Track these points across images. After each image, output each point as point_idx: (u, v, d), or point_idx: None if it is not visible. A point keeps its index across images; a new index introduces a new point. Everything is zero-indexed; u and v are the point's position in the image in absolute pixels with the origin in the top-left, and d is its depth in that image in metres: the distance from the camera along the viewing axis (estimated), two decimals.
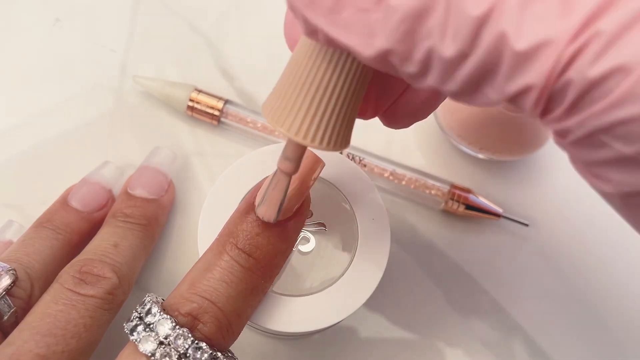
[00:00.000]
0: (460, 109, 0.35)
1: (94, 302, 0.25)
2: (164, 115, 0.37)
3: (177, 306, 0.22)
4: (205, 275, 0.22)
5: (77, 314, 0.24)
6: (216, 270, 0.22)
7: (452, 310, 0.34)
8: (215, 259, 0.23)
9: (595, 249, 0.36)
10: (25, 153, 0.35)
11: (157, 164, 0.33)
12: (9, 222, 0.31)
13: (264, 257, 0.23)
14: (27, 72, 0.38)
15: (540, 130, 0.35)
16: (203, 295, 0.22)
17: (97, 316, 0.25)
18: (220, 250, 0.23)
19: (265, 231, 0.23)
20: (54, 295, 0.25)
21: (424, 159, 0.37)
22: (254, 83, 0.38)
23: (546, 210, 0.37)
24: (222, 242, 0.23)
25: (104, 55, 0.38)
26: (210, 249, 0.23)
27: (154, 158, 0.33)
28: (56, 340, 0.23)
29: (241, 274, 0.22)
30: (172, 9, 0.40)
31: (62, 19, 0.39)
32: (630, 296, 0.35)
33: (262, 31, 0.40)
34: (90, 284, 0.26)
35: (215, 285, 0.22)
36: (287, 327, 0.24)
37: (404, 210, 0.36)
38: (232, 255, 0.22)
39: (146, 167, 0.33)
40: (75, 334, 0.24)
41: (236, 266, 0.22)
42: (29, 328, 0.24)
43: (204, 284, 0.22)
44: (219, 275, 0.22)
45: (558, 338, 0.34)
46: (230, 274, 0.22)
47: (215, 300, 0.22)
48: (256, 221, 0.23)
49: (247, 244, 0.23)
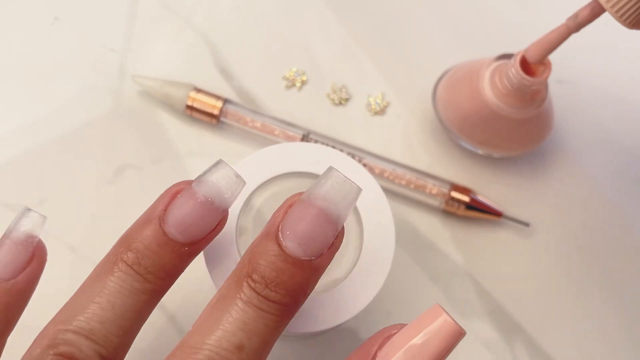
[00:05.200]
0: (460, 103, 0.35)
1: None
2: (163, 114, 0.37)
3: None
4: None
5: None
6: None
7: (452, 310, 0.34)
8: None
9: (596, 249, 0.36)
10: (24, 153, 0.35)
11: (323, 203, 0.20)
12: (26, 211, 0.23)
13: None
14: (26, 72, 0.37)
15: (539, 127, 0.36)
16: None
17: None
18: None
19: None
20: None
21: (425, 155, 0.37)
22: (253, 82, 0.38)
23: (546, 210, 0.37)
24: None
25: (103, 55, 0.38)
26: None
27: (318, 191, 0.21)
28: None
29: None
30: (171, 8, 0.40)
31: (61, 18, 0.39)
32: (631, 296, 0.35)
33: (261, 30, 0.40)
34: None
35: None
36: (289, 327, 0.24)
37: (404, 210, 0.36)
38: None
39: (308, 205, 0.21)
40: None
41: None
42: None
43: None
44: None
45: (558, 338, 0.34)
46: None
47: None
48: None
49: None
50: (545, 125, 0.36)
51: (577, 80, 0.40)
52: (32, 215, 0.22)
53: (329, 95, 0.38)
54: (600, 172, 0.38)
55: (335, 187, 0.20)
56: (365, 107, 0.38)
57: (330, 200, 0.20)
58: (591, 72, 0.41)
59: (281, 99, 0.38)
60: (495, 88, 0.34)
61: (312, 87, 0.39)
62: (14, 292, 0.21)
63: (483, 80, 0.34)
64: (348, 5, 0.41)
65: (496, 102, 0.34)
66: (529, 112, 0.34)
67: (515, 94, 0.33)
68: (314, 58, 0.39)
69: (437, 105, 0.37)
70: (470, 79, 0.35)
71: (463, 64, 0.37)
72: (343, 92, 0.38)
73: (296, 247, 0.20)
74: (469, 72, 0.35)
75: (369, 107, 0.38)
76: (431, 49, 0.40)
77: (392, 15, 0.41)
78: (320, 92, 0.39)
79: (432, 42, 0.41)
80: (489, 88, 0.34)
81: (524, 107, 0.34)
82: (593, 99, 0.40)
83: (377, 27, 0.41)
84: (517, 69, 0.32)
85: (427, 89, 0.38)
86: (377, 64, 0.40)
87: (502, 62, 0.34)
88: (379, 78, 0.39)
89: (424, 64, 0.40)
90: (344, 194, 0.20)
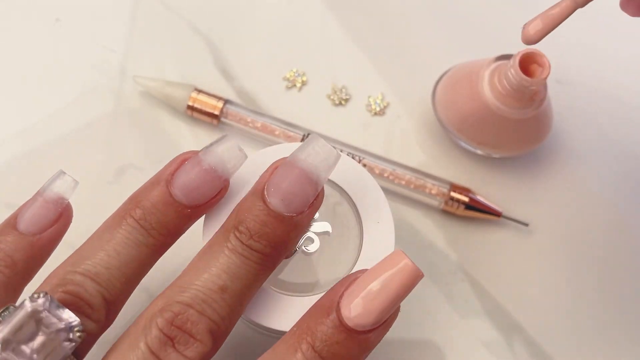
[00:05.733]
0: (459, 104, 0.35)
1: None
2: (163, 115, 0.37)
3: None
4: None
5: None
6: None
7: (452, 310, 0.34)
8: (289, 356, 0.21)
9: (595, 249, 0.36)
10: (25, 153, 0.35)
11: (304, 164, 0.23)
12: (61, 173, 0.25)
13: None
14: (27, 72, 0.37)
15: (538, 128, 0.36)
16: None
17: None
18: (295, 346, 0.21)
19: (347, 340, 0.21)
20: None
21: (424, 156, 0.37)
22: (253, 83, 0.38)
23: (546, 210, 0.37)
24: (297, 337, 0.21)
25: (104, 55, 0.38)
26: (283, 341, 0.21)
27: (299, 154, 0.23)
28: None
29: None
30: (172, 8, 0.40)
31: (62, 19, 0.39)
32: (631, 296, 0.35)
33: (261, 30, 0.40)
34: (177, 347, 0.20)
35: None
36: (288, 326, 0.24)
37: (404, 210, 0.36)
38: (308, 356, 0.21)
39: (291, 165, 0.23)
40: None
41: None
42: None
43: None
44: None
45: (558, 338, 0.34)
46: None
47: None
48: (339, 327, 0.21)
49: (324, 349, 0.21)
50: (544, 125, 0.36)
51: (576, 80, 0.40)
52: (65, 178, 0.24)
53: (329, 95, 0.39)
54: (599, 172, 0.38)
55: (316, 150, 0.23)
56: (365, 108, 0.39)
57: (311, 163, 0.22)
58: (590, 73, 0.41)
59: (281, 100, 0.38)
60: (495, 88, 0.34)
61: (312, 87, 0.39)
62: (37, 246, 0.24)
63: (482, 81, 0.34)
64: (348, 6, 0.41)
65: (495, 103, 0.34)
66: (528, 112, 0.34)
67: (514, 95, 0.33)
68: (314, 59, 0.39)
69: (437, 105, 0.37)
70: (470, 80, 0.35)
71: (462, 64, 0.37)
72: (343, 93, 0.39)
73: (279, 203, 0.22)
74: (468, 73, 0.35)
75: (369, 108, 0.38)
76: (431, 49, 0.41)
77: (391, 16, 0.41)
78: (320, 93, 0.39)
79: (432, 42, 0.41)
80: (488, 88, 0.34)
81: (523, 107, 0.34)
82: (592, 99, 0.40)
83: (377, 28, 0.41)
84: (516, 70, 0.32)
85: (426, 89, 0.38)
86: (377, 65, 0.40)
87: (501, 63, 0.34)
88: (378, 79, 0.39)
89: (423, 64, 0.40)
90: (323, 156, 0.23)
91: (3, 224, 0.24)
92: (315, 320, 0.21)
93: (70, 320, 0.20)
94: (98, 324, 0.21)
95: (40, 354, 0.20)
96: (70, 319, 0.20)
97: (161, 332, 0.20)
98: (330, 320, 0.21)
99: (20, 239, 0.23)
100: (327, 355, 0.21)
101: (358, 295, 0.21)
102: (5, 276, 0.23)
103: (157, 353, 0.20)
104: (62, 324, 0.20)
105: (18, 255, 0.23)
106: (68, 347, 0.20)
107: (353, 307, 0.21)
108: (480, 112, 0.34)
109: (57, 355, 0.20)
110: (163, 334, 0.20)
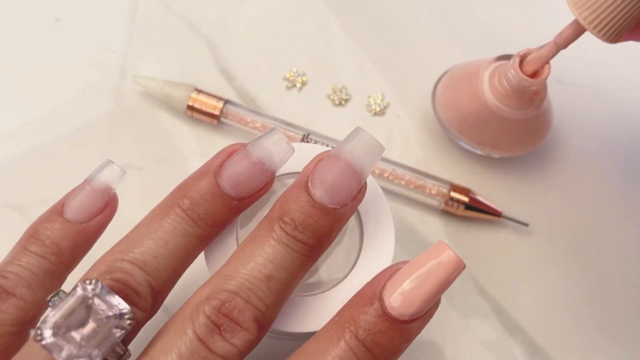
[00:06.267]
0: (459, 104, 0.35)
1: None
2: (163, 115, 0.37)
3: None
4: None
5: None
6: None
7: (452, 310, 0.34)
8: (332, 345, 0.21)
9: (595, 249, 0.36)
10: (25, 153, 0.35)
11: (349, 156, 0.23)
12: (109, 162, 0.25)
13: (381, 355, 0.21)
14: (27, 72, 0.38)
15: (538, 128, 0.36)
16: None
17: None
18: (338, 335, 0.21)
19: (390, 329, 0.21)
20: (186, 349, 0.20)
21: (424, 156, 0.37)
22: (253, 83, 0.38)
23: (546, 210, 0.37)
24: (340, 326, 0.21)
25: (103, 55, 0.38)
26: (325, 330, 0.22)
27: (344, 147, 0.23)
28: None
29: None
30: (172, 8, 0.40)
31: (62, 19, 0.39)
32: (630, 295, 0.35)
33: (262, 31, 0.40)
34: (224, 335, 0.20)
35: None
36: (288, 327, 0.24)
37: (403, 211, 0.36)
38: (351, 345, 0.21)
39: (336, 158, 0.23)
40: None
41: (353, 358, 0.21)
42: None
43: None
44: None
45: (558, 338, 0.34)
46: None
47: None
48: (382, 316, 0.21)
49: (368, 338, 0.21)
50: (544, 125, 0.36)
51: (576, 80, 0.40)
52: (114, 167, 0.24)
53: (329, 95, 0.39)
54: (599, 172, 0.38)
55: (361, 143, 0.23)
56: (365, 108, 0.39)
57: (355, 155, 0.22)
58: (590, 73, 0.41)
59: (281, 100, 0.38)
60: (495, 89, 0.34)
61: (312, 87, 0.39)
62: (83, 234, 0.24)
63: (482, 81, 0.34)
64: (348, 6, 0.41)
65: (495, 103, 0.34)
66: (528, 112, 0.34)
67: (514, 95, 0.33)
68: (314, 59, 0.39)
69: (437, 105, 0.37)
70: (470, 80, 0.35)
71: (462, 64, 0.37)
72: (343, 93, 0.39)
73: (323, 195, 0.22)
74: (468, 73, 0.35)
75: (369, 108, 0.38)
76: (431, 49, 0.41)
77: (392, 16, 0.41)
78: (320, 93, 0.39)
79: (432, 42, 0.41)
80: (488, 89, 0.34)
81: (523, 107, 0.34)
82: (592, 100, 0.40)
83: (377, 28, 0.41)
84: (516, 70, 0.32)
85: (426, 89, 0.38)
86: (377, 65, 0.40)
87: (501, 63, 0.34)
88: (378, 79, 0.39)
89: (423, 64, 0.40)
90: (368, 149, 0.23)
91: (49, 211, 0.24)
92: (358, 309, 0.21)
93: (120, 307, 0.20)
94: (145, 312, 0.21)
95: (90, 340, 0.19)
96: (121, 305, 0.20)
97: (208, 319, 0.20)
98: (373, 309, 0.21)
99: (67, 227, 0.24)
100: (371, 345, 0.21)
101: (401, 286, 0.21)
102: (52, 263, 0.23)
103: (205, 340, 0.20)
104: (113, 310, 0.20)
105: (65, 243, 0.23)
106: (118, 334, 0.20)
107: (396, 297, 0.21)
108: (480, 112, 0.34)
109: (107, 342, 0.20)
110: (210, 321, 0.20)
